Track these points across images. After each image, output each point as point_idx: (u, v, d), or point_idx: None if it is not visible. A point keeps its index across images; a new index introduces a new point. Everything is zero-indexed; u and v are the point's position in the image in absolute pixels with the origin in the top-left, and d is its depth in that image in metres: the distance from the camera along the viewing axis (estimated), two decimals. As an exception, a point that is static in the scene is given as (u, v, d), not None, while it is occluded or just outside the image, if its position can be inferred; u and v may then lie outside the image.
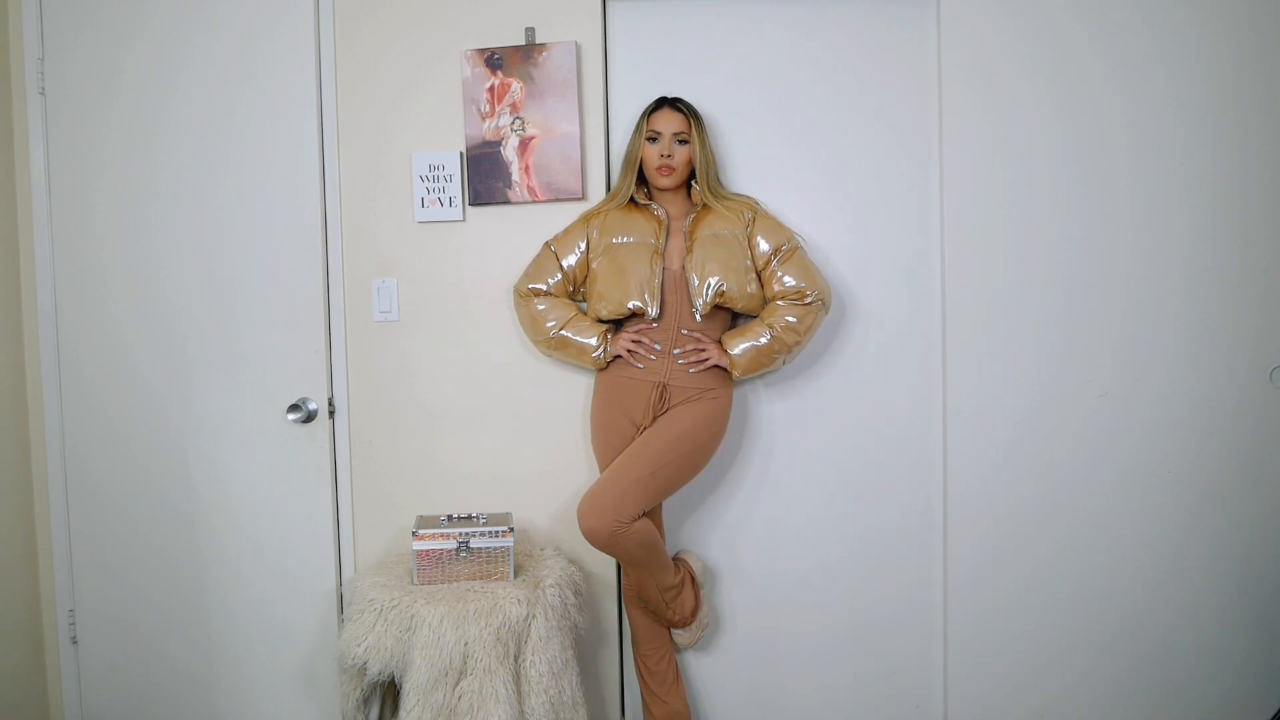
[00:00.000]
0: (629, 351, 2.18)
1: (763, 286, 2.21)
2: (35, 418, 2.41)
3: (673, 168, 2.19)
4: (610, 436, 2.22)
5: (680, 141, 2.19)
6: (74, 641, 2.44)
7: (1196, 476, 2.27)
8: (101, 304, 2.39)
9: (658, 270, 2.17)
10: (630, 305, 2.16)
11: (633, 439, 2.19)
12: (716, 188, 2.24)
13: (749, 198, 2.26)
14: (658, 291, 2.16)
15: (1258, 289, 2.23)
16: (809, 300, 2.17)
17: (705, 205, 2.22)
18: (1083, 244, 2.26)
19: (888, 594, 2.38)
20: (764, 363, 2.17)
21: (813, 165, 2.34)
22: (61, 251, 2.39)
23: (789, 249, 2.20)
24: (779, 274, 2.19)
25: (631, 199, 2.25)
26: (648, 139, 2.21)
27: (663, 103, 2.23)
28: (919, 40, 2.30)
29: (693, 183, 2.26)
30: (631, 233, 2.21)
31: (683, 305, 2.18)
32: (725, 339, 2.19)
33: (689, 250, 2.18)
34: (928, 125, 2.31)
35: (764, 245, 2.20)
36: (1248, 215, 2.22)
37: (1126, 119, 2.24)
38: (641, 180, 2.26)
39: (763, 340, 2.15)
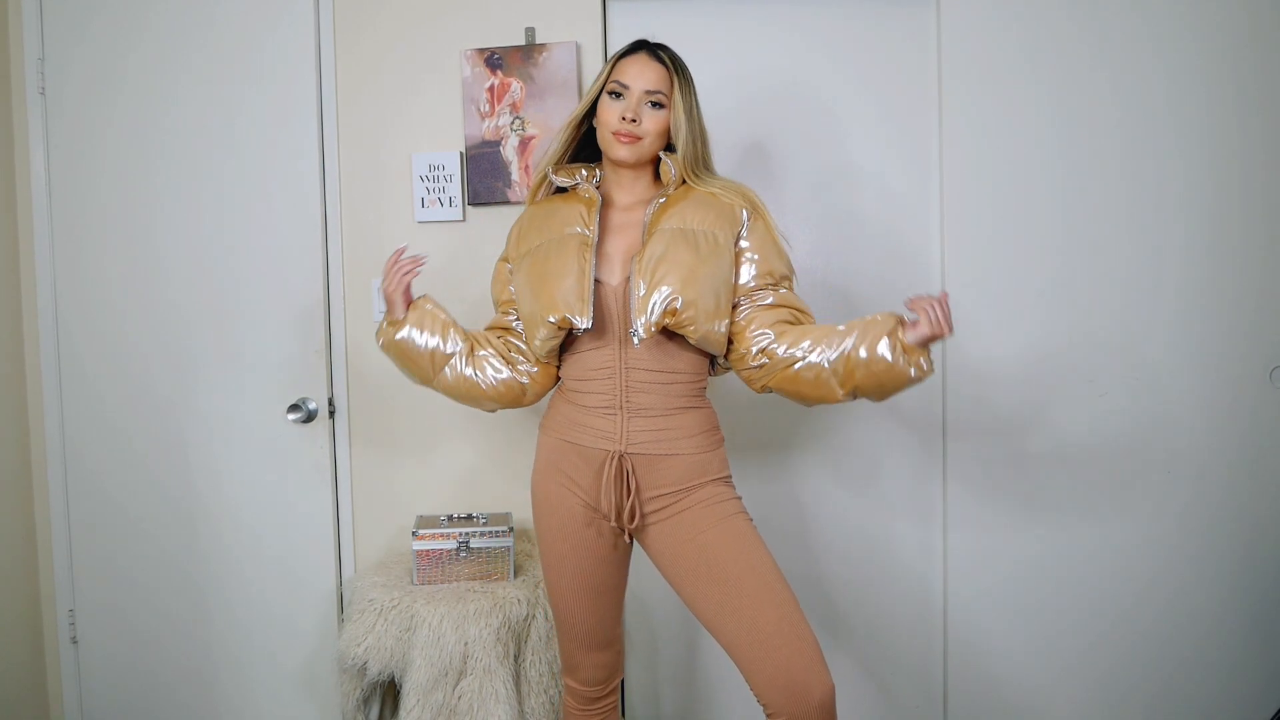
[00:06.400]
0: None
1: (731, 322, 1.59)
2: (35, 417, 2.41)
3: (637, 136, 1.58)
4: (555, 522, 1.63)
5: (655, 105, 1.59)
6: (74, 641, 2.44)
7: (1196, 476, 2.27)
8: (102, 304, 2.39)
9: (589, 265, 1.54)
10: (551, 319, 1.54)
11: (590, 533, 1.61)
12: (705, 166, 1.66)
13: (748, 189, 1.67)
14: (589, 293, 1.53)
15: (1257, 288, 2.23)
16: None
17: (684, 184, 1.63)
18: (1082, 243, 2.25)
19: (887, 593, 2.38)
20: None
21: (812, 165, 2.34)
22: (62, 251, 2.39)
23: (784, 291, 1.65)
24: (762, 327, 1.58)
25: (559, 188, 1.70)
26: (610, 93, 1.60)
27: (640, 47, 1.63)
28: (919, 40, 2.30)
29: (664, 154, 1.64)
30: (553, 228, 1.63)
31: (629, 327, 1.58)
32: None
33: (642, 246, 1.57)
34: (928, 125, 2.31)
35: (757, 266, 1.60)
36: (1247, 214, 2.22)
37: (1126, 119, 2.23)
38: (586, 156, 1.72)
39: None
